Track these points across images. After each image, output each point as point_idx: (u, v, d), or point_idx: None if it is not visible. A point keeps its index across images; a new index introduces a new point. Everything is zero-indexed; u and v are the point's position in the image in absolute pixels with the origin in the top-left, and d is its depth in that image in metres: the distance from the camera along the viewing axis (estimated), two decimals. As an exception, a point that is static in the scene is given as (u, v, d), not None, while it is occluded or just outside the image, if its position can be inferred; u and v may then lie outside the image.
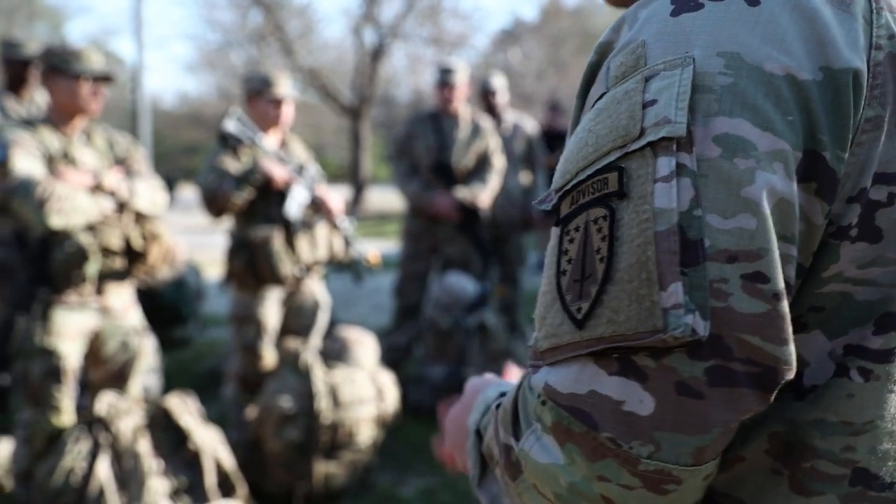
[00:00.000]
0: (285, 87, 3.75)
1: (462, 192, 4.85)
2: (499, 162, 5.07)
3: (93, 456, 2.87)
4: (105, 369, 3.17)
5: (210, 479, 3.01)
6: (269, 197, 3.63)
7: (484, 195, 4.94)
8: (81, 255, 2.86)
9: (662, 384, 0.59)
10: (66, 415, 3.00)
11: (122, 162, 3.12)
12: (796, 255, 0.61)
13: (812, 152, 0.60)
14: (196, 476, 3.01)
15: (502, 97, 5.78)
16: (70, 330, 2.97)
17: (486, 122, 5.12)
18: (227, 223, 3.80)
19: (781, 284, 0.59)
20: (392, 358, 4.94)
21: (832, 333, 0.64)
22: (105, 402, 2.96)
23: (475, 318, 4.56)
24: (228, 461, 3.12)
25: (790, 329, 0.59)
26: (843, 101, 0.61)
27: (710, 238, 0.58)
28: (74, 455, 2.85)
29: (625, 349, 0.60)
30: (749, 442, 0.66)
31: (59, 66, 2.93)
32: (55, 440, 2.95)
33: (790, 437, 0.65)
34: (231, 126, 3.58)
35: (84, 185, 2.85)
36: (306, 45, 20.90)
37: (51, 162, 2.92)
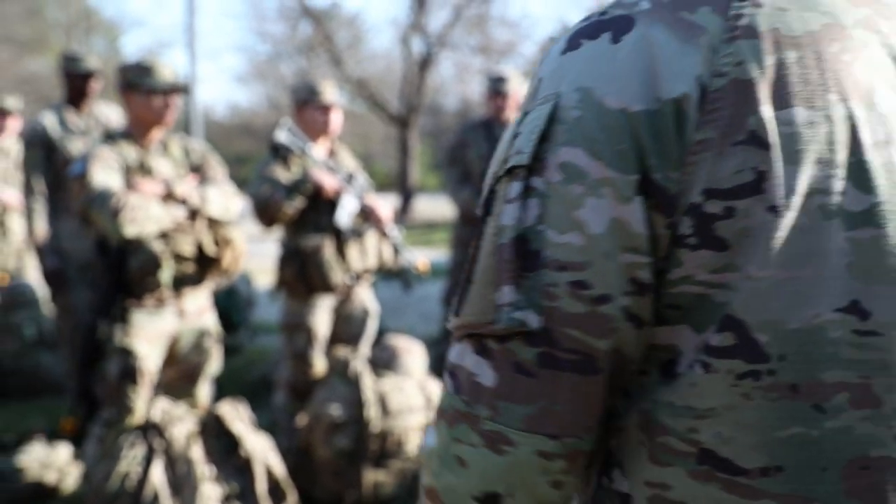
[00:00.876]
0: (332, 94, 3.78)
1: None
2: None
3: (147, 461, 2.91)
4: (177, 369, 3.25)
5: (261, 485, 3.02)
6: (319, 206, 3.66)
7: None
8: (155, 263, 2.94)
9: (503, 363, 0.73)
10: (140, 416, 3.06)
11: (197, 169, 3.21)
12: (648, 261, 0.71)
13: (644, 174, 0.69)
14: (247, 483, 3.02)
15: None
16: (148, 332, 3.05)
17: None
18: (277, 232, 3.84)
19: (604, 290, 0.70)
20: (442, 368, 4.93)
21: (698, 329, 0.72)
22: (159, 408, 3.00)
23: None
24: (279, 468, 3.13)
25: (612, 326, 0.71)
26: (669, 127, 0.69)
27: (547, 249, 0.71)
28: (129, 460, 2.89)
29: (480, 334, 0.74)
30: (628, 415, 0.76)
31: (134, 82, 3.05)
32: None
33: (652, 414, 0.74)
34: (282, 136, 3.62)
35: (157, 195, 2.94)
36: (355, 55, 21.07)
37: (128, 173, 3.02)
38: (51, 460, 3.64)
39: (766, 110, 0.69)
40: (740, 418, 0.71)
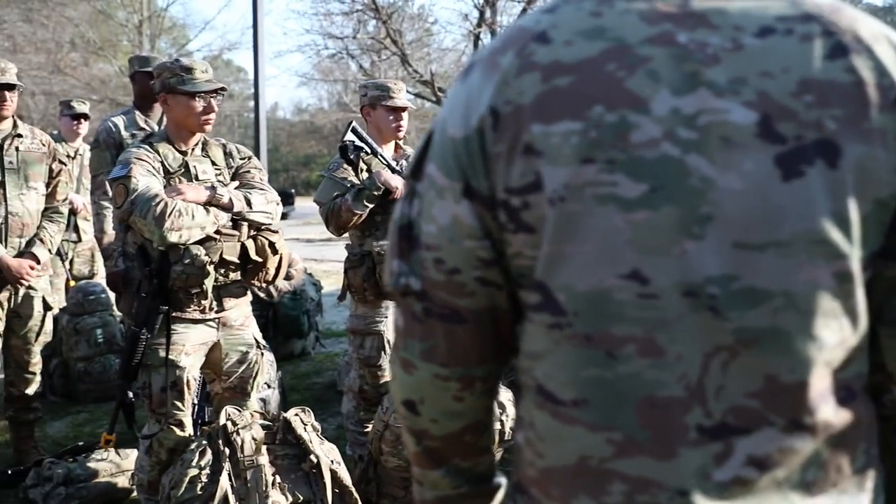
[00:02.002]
0: (403, 95, 3.71)
1: None
2: None
3: (215, 469, 2.88)
4: (225, 383, 3.19)
5: (328, 494, 2.97)
6: (388, 208, 3.59)
7: None
8: (198, 269, 2.88)
9: (406, 313, 1.00)
10: (186, 427, 3.03)
11: (238, 174, 3.14)
12: (486, 244, 0.93)
13: (466, 182, 0.92)
14: (314, 491, 2.98)
15: None
16: (190, 344, 3.00)
17: None
18: (345, 235, 3.78)
19: (455, 265, 0.94)
20: (513, 377, 4.81)
21: (527, 290, 0.93)
22: (226, 416, 2.97)
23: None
24: (346, 477, 3.08)
25: (468, 290, 0.94)
26: (476, 146, 0.90)
27: (420, 235, 0.96)
28: (198, 467, 2.87)
29: (393, 291, 1.00)
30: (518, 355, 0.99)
31: (173, 85, 2.99)
32: (175, 451, 2.99)
33: (519, 357, 0.98)
34: (350, 138, 3.56)
35: (199, 200, 2.88)
36: (422, 52, 21.10)
37: (169, 177, 2.96)
38: (121, 465, 3.66)
39: (537, 127, 0.87)
40: (555, 360, 0.91)
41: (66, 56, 21.49)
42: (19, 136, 3.90)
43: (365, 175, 3.57)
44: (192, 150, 3.08)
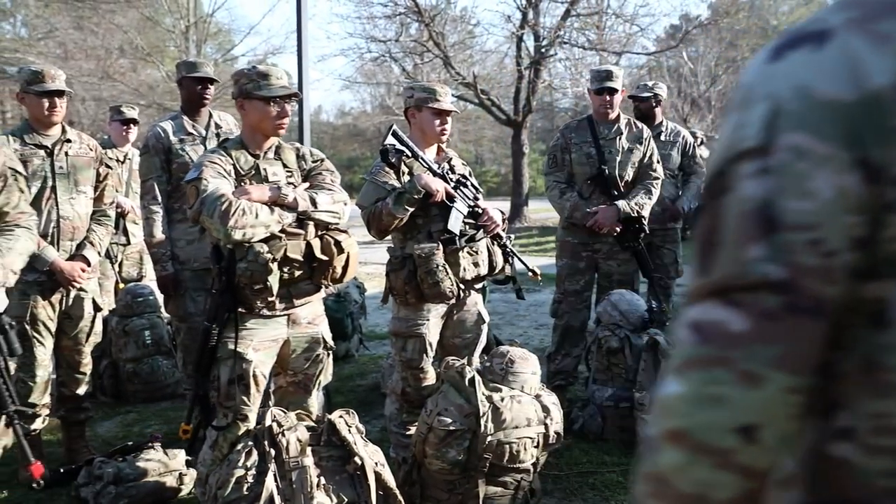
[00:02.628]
0: (448, 99, 3.71)
1: (623, 204, 4.64)
2: (660, 171, 4.83)
3: (261, 469, 2.90)
4: (289, 378, 3.25)
5: (372, 496, 2.97)
6: (429, 212, 3.59)
7: (648, 206, 4.72)
8: (261, 266, 2.94)
9: (753, 311, 0.85)
10: (251, 423, 3.07)
11: (310, 175, 3.21)
12: (863, 222, 0.85)
13: (859, 151, 0.84)
14: (358, 493, 2.98)
15: (661, 104, 5.63)
16: (258, 339, 3.06)
17: (647, 129, 4.90)
18: (387, 238, 3.78)
19: (833, 246, 0.84)
20: (558, 382, 4.77)
21: None
22: (272, 417, 2.99)
23: (646, 337, 4.34)
24: (390, 479, 3.08)
25: (838, 276, 0.85)
26: (871, 111, 0.84)
27: (785, 214, 0.85)
28: (244, 468, 2.90)
29: (728, 289, 0.87)
30: (848, 362, 0.90)
31: (249, 91, 3.07)
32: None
33: (873, 357, 0.89)
34: (391, 141, 3.56)
35: (264, 199, 2.95)
36: (465, 55, 21.07)
37: (240, 179, 3.05)
38: (169, 464, 3.71)
39: None
40: None
41: (114, 62, 21.86)
42: (68, 141, 3.97)
43: (406, 178, 3.57)
44: (265, 153, 3.16)
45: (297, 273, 3.06)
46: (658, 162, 4.83)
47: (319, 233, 3.09)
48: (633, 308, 4.48)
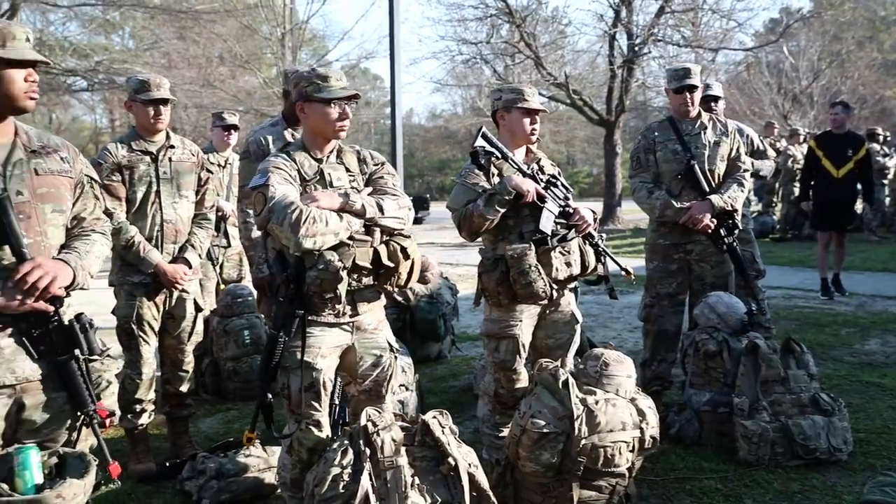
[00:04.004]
0: (537, 99, 3.68)
1: (717, 198, 4.53)
2: (748, 163, 4.70)
3: (356, 468, 2.93)
4: (360, 386, 3.24)
5: (466, 497, 2.97)
6: (520, 212, 3.57)
7: (741, 199, 4.59)
8: (332, 274, 2.93)
9: None
10: (323, 428, 3.10)
11: (372, 179, 3.18)
12: None
13: None
14: (452, 494, 2.98)
15: (721, 103, 5.55)
16: (325, 346, 3.05)
17: (732, 123, 4.80)
18: (479, 239, 3.78)
19: None
20: (654, 388, 4.67)
21: None
22: (366, 417, 3.02)
23: (745, 340, 4.22)
24: (483, 480, 3.07)
25: None
26: None
27: None
28: (340, 466, 2.93)
29: None
30: None
31: (309, 93, 3.05)
32: (314, 451, 3.06)
33: None
34: (480, 143, 3.55)
35: (333, 206, 2.92)
36: (556, 55, 20.91)
37: (305, 184, 3.03)
38: (268, 461, 3.80)
39: None
40: None
41: (214, 70, 22.56)
42: (172, 147, 4.11)
43: (496, 180, 3.56)
44: (328, 157, 3.14)
45: (365, 280, 3.05)
46: (746, 154, 4.72)
47: (385, 239, 3.06)
48: (732, 310, 4.36)
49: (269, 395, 3.07)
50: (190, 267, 4.09)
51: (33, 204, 2.51)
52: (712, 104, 5.55)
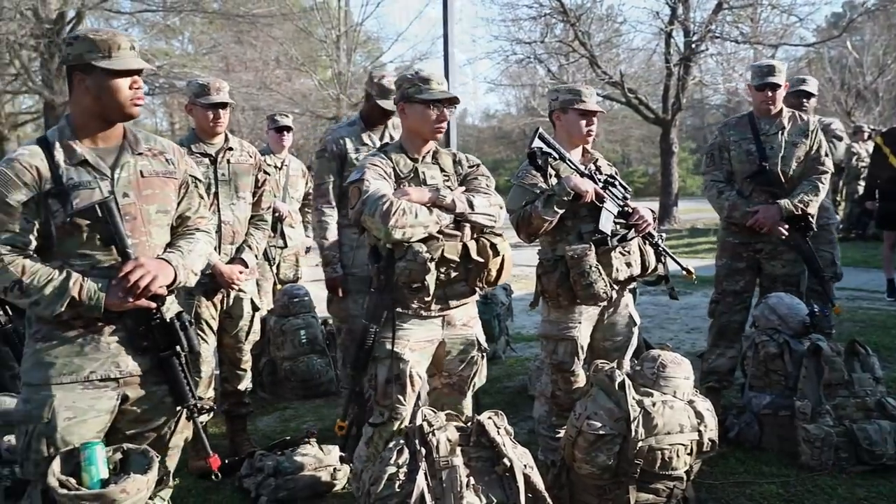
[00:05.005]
0: (592, 99, 3.65)
1: (786, 202, 4.43)
2: (829, 164, 4.57)
3: (412, 468, 2.95)
4: (444, 380, 3.29)
5: (521, 498, 2.96)
6: (578, 213, 3.55)
7: (815, 203, 4.48)
8: (420, 265, 2.99)
9: None
10: (407, 421, 3.12)
11: (466, 180, 3.25)
12: None
13: None
14: (507, 494, 2.98)
15: (813, 100, 5.39)
16: (415, 339, 3.11)
17: (814, 121, 4.66)
18: (537, 240, 3.76)
19: None
20: (710, 383, 4.63)
21: None
22: (422, 417, 3.03)
23: (807, 342, 4.12)
24: (539, 482, 3.06)
25: None
26: None
27: None
28: (395, 465, 2.95)
29: None
30: None
31: (410, 95, 3.14)
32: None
33: None
34: (537, 144, 3.53)
35: (423, 200, 3.00)
36: (611, 53, 20.71)
37: (400, 181, 3.12)
38: (324, 460, 3.83)
39: None
40: None
41: (271, 73, 22.83)
42: (230, 149, 4.17)
43: (554, 181, 3.54)
44: (424, 157, 3.22)
45: (454, 274, 3.09)
46: (827, 155, 4.59)
47: (475, 235, 3.12)
48: (794, 312, 4.26)
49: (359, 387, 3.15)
50: (246, 267, 4.14)
51: (139, 205, 2.61)
52: (804, 101, 5.40)
